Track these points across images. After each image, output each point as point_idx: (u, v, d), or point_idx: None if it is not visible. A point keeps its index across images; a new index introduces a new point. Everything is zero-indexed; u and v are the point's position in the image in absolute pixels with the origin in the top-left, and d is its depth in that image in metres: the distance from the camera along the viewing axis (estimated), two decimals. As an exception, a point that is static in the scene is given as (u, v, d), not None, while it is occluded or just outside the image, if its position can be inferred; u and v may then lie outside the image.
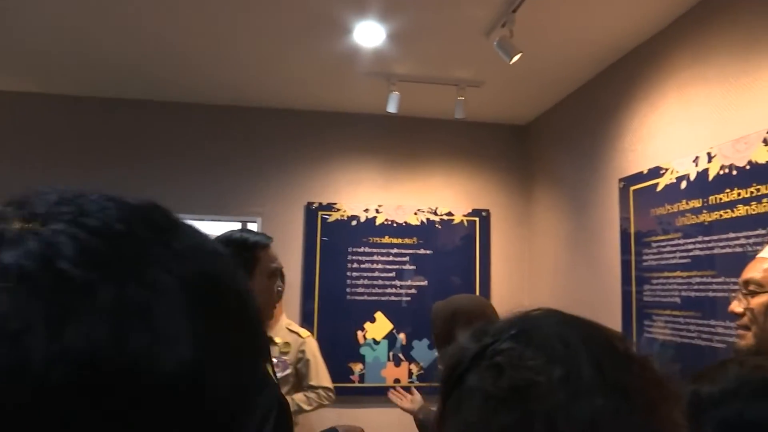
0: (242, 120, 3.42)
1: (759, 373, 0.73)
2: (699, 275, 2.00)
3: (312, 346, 2.71)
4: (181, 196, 3.32)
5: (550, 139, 3.34)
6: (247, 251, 1.57)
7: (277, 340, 2.70)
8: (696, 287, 2.01)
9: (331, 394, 2.70)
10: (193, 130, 3.37)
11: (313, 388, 2.65)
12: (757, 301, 1.17)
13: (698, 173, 2.02)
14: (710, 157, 1.97)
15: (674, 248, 2.13)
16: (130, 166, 3.29)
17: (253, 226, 3.46)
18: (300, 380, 2.71)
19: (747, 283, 1.20)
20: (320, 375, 2.68)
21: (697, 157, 2.04)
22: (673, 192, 2.15)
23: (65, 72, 2.96)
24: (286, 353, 2.68)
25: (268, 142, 3.43)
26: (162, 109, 3.35)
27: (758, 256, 1.24)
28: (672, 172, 2.17)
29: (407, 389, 2.45)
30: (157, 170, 3.31)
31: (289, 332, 2.79)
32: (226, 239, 1.61)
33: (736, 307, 1.22)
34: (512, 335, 0.52)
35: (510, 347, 0.50)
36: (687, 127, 2.13)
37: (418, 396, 2.39)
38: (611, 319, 2.55)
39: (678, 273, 2.11)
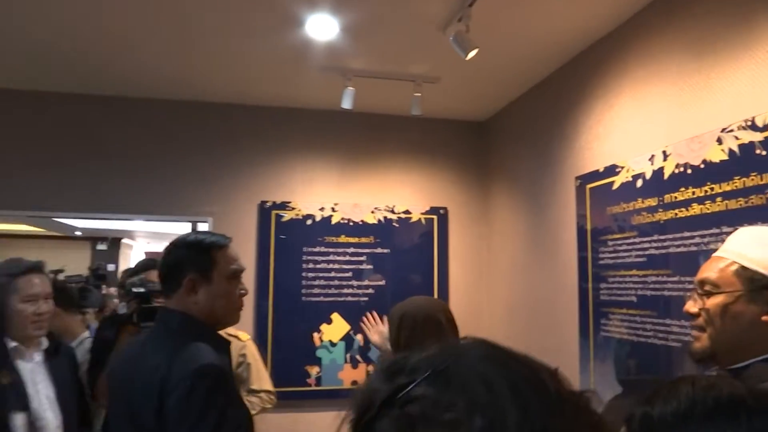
0: (192, 116, 3.28)
1: (711, 393, 0.70)
2: (654, 274, 1.99)
3: (252, 349, 2.62)
4: (127, 196, 3.16)
5: (507, 136, 3.32)
6: (203, 253, 1.49)
7: None
8: (652, 286, 2.01)
9: (273, 397, 2.62)
10: (140, 127, 3.21)
11: (254, 392, 2.56)
12: (712, 302, 1.14)
13: (654, 172, 2.02)
14: (665, 156, 1.97)
15: (630, 247, 2.13)
16: (72, 165, 3.11)
17: (204, 227, 3.33)
18: (240, 384, 2.63)
19: (702, 283, 1.18)
20: (262, 378, 2.60)
21: (652, 156, 2.03)
22: (629, 190, 2.15)
23: (-3, 63, 2.77)
24: None
25: (220, 139, 3.30)
26: (106, 105, 3.18)
27: (713, 255, 1.22)
28: (628, 170, 2.16)
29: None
30: (102, 169, 3.14)
31: (228, 336, 2.71)
32: (181, 242, 1.52)
33: (691, 307, 1.19)
34: (429, 377, 0.45)
35: (424, 394, 0.44)
36: (643, 126, 2.13)
37: (386, 329, 2.40)
38: (568, 317, 2.55)
39: (634, 271, 2.11)
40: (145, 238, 10.66)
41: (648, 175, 2.05)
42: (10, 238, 9.84)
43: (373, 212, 3.41)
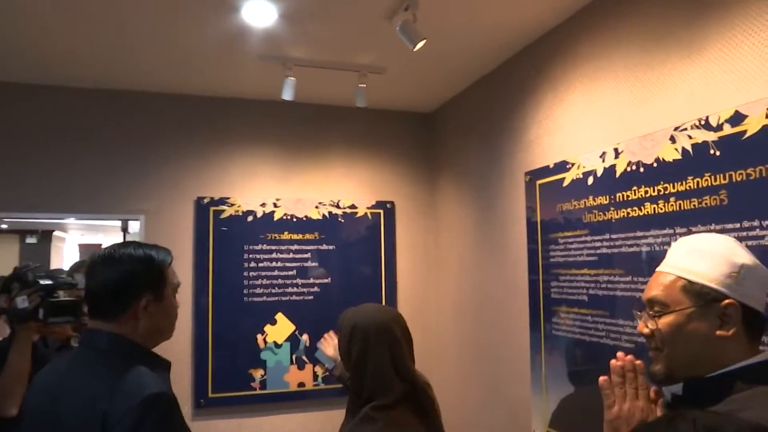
0: (121, 106, 3.03)
1: None
2: (606, 273, 1.96)
3: None
4: (51, 193, 2.91)
5: (455, 129, 3.24)
6: (156, 271, 1.35)
7: None
8: (603, 285, 1.97)
9: None
10: (62, 118, 2.95)
11: None
12: (664, 322, 1.09)
13: (605, 169, 1.98)
14: (617, 153, 1.92)
15: (581, 245, 2.09)
16: (-18, 160, 2.82)
17: (135, 225, 3.12)
18: None
19: (651, 302, 1.13)
20: None
21: (603, 153, 1.98)
22: (579, 187, 2.10)
23: None
24: None
25: (151, 132, 3.07)
26: (24, 93, 2.90)
27: (657, 269, 1.16)
28: (579, 167, 2.11)
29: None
30: (22, 164, 2.87)
31: None
32: (129, 258, 1.34)
33: (643, 328, 1.14)
34: None
35: None
36: (594, 122, 2.08)
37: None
38: (518, 313, 2.50)
39: (585, 270, 2.07)
40: (79, 230, 10.11)
41: (599, 173, 2.00)
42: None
43: (317, 207, 3.27)
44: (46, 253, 10.19)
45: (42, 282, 2.07)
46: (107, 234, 8.82)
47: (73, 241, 11.23)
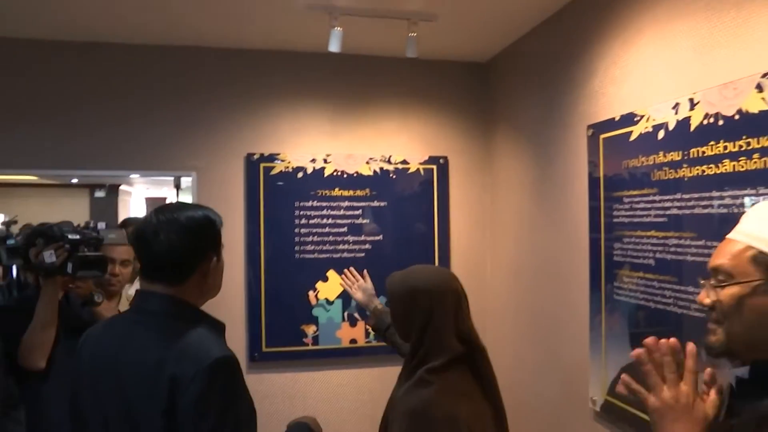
0: (170, 62, 3.00)
1: None
2: (676, 236, 1.80)
3: None
4: (106, 150, 2.95)
5: (512, 79, 3.05)
6: (217, 232, 1.41)
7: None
8: (672, 249, 1.82)
9: None
10: (116, 75, 2.95)
11: None
12: (726, 294, 0.99)
13: (678, 122, 1.79)
14: (693, 104, 1.73)
15: (649, 205, 1.92)
16: (44, 119, 2.87)
17: (187, 181, 3.14)
18: None
19: (715, 271, 1.02)
20: None
21: (677, 104, 1.79)
22: (648, 142, 1.92)
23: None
24: None
25: (201, 87, 3.04)
26: (79, 52, 2.91)
27: (727, 236, 1.05)
28: (648, 119, 1.93)
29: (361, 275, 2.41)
30: (76, 123, 2.90)
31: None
32: (195, 224, 1.35)
33: (704, 298, 1.04)
34: None
35: None
36: (666, 69, 1.88)
37: (370, 283, 2.31)
38: (578, 276, 2.38)
39: (652, 232, 1.91)
40: (144, 184, 10.46)
41: (671, 126, 1.82)
42: (8, 187, 9.67)
43: (368, 163, 3.19)
44: (113, 206, 10.62)
45: (70, 236, 2.09)
46: (171, 188, 9.05)
47: (139, 195, 11.67)
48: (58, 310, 2.16)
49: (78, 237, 2.10)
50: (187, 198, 3.67)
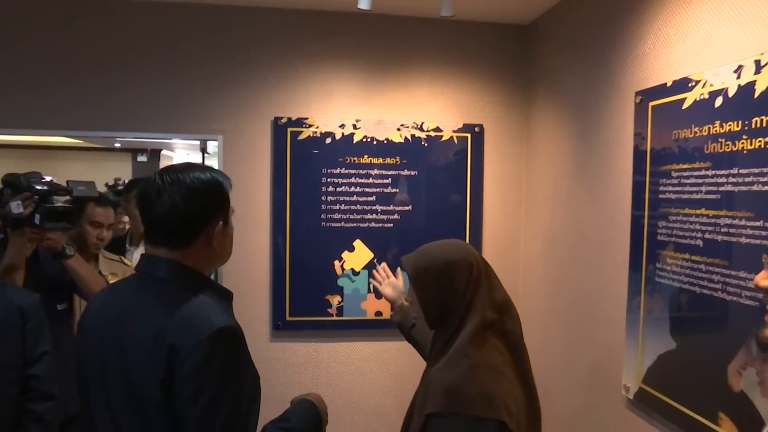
0: (195, 21, 2.91)
1: None
2: (730, 216, 1.62)
3: None
4: (130, 112, 2.89)
5: (555, 43, 2.85)
6: (225, 195, 1.34)
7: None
8: (724, 230, 1.64)
9: None
10: (139, 35, 2.87)
11: None
12: None
13: (740, 87, 1.59)
14: (759, 67, 1.53)
15: (700, 180, 1.74)
16: (67, 81, 2.83)
17: (213, 145, 3.07)
18: None
19: None
20: None
21: (740, 67, 1.60)
22: (703, 110, 1.73)
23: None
24: None
25: (227, 47, 2.94)
26: (99, 11, 2.84)
27: None
28: (704, 84, 1.73)
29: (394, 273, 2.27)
30: (99, 84, 2.85)
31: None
32: (200, 187, 1.28)
33: (762, 280, 0.89)
34: None
35: None
36: (729, 27, 1.67)
37: (401, 282, 2.17)
38: (617, 255, 2.22)
39: (702, 210, 1.74)
40: (185, 149, 10.57)
41: (731, 92, 1.62)
42: (55, 150, 9.90)
43: (399, 129, 3.05)
44: (155, 170, 10.74)
45: (37, 187, 2.03)
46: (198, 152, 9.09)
47: (180, 159, 11.82)
48: (27, 267, 2.13)
49: (46, 188, 2.05)
50: (213, 163, 3.61)
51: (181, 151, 11.18)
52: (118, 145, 9.78)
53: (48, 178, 2.22)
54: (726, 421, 1.60)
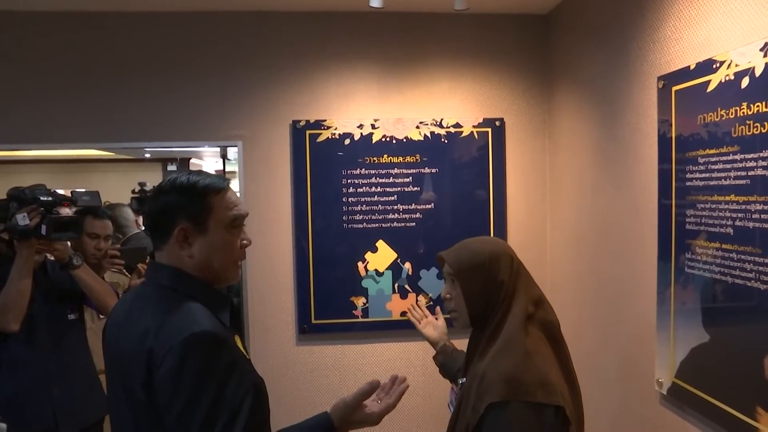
0: (211, 28, 2.92)
1: None
2: (761, 201, 1.55)
3: None
4: (149, 121, 2.92)
5: (575, 32, 2.78)
6: (197, 199, 1.26)
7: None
8: (756, 216, 1.57)
9: None
10: (155, 43, 2.91)
11: None
12: None
13: (767, 66, 1.52)
14: (785, 44, 1.46)
15: (728, 165, 1.67)
16: (85, 89, 2.87)
17: (233, 151, 3.09)
18: None
19: None
20: None
21: (766, 44, 1.52)
22: (729, 92, 1.66)
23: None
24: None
25: (242, 54, 2.95)
26: (116, 22, 2.88)
27: None
28: (729, 65, 1.66)
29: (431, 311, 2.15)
30: (116, 93, 2.89)
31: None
32: (170, 185, 1.28)
33: None
34: None
35: None
36: (752, 4, 1.60)
37: (442, 321, 2.07)
38: (645, 246, 2.14)
39: (732, 197, 1.66)
40: (213, 157, 10.72)
41: (759, 71, 1.55)
42: (87, 162, 10.14)
43: (418, 127, 3.02)
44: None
45: (42, 198, 2.05)
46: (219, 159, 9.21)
47: (209, 168, 11.98)
48: (35, 278, 2.16)
49: (51, 199, 2.07)
50: (233, 169, 3.63)
51: (209, 159, 11.34)
52: (148, 155, 9.97)
53: (55, 190, 2.26)
54: (765, 417, 1.52)
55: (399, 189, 3.03)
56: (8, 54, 2.82)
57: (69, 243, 2.33)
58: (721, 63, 1.69)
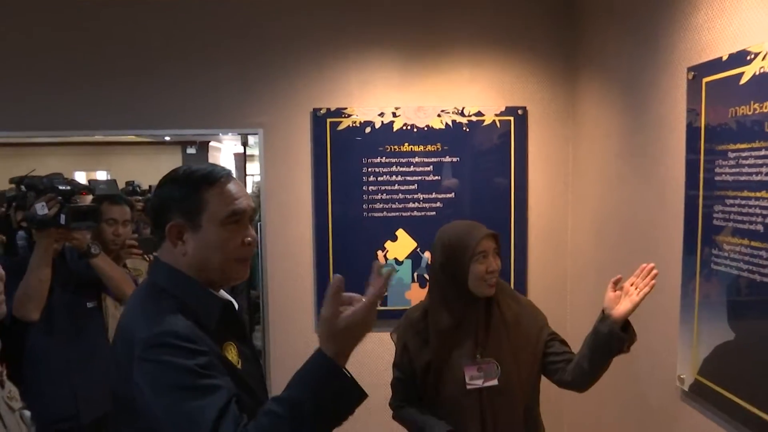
0: (232, 15, 2.92)
1: None
2: (793, 198, 1.51)
3: None
4: (170, 108, 2.94)
5: (601, 18, 2.71)
6: (191, 192, 1.19)
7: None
8: (788, 213, 1.53)
9: None
10: (177, 31, 2.91)
11: None
12: None
13: (803, 59, 1.47)
14: (824, 36, 1.41)
15: (761, 161, 1.63)
16: (107, 77, 2.89)
17: (254, 139, 3.09)
18: None
19: None
20: None
21: (803, 36, 1.47)
22: (764, 85, 1.61)
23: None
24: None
25: (264, 41, 2.94)
26: (139, 7, 2.88)
27: None
28: (764, 57, 1.61)
29: None
30: (140, 80, 2.90)
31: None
32: (167, 177, 1.26)
33: None
34: None
35: None
36: (791, -7, 1.54)
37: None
38: (670, 240, 2.11)
39: (763, 193, 1.62)
40: (232, 140, 10.79)
41: (794, 64, 1.50)
42: (109, 145, 10.27)
43: (439, 116, 2.99)
44: (204, 162, 11.02)
45: (60, 187, 2.04)
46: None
47: (228, 151, 12.05)
48: (54, 267, 2.16)
49: (69, 188, 2.06)
50: (254, 155, 3.64)
51: (228, 143, 11.41)
52: (167, 138, 10.06)
53: (71, 179, 2.26)
54: (792, 418, 1.50)
55: (420, 178, 3.01)
56: (34, 41, 2.84)
57: (88, 233, 2.34)
58: (756, 55, 1.64)
